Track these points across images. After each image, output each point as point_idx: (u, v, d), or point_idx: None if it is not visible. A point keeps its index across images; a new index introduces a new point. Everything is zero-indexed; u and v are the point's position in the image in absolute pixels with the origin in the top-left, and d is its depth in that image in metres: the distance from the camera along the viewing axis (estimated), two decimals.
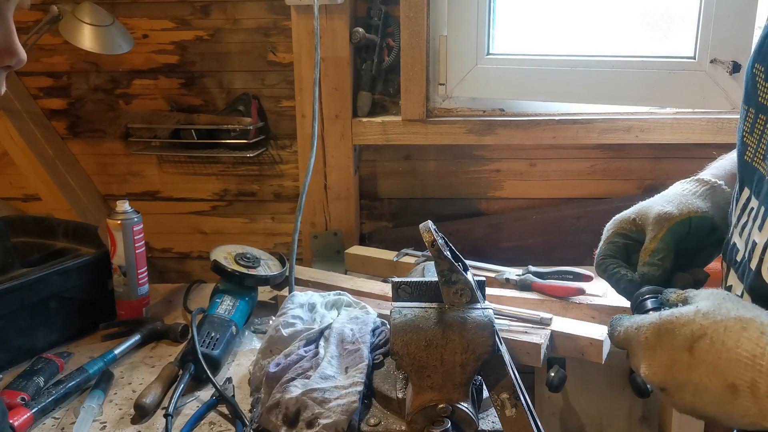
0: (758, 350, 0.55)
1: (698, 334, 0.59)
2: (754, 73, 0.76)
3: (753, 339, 0.56)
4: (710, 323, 0.59)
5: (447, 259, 0.83)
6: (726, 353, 0.57)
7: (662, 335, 0.62)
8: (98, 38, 1.50)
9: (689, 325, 0.60)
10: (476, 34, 1.62)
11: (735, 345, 0.57)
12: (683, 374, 0.60)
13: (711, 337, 0.58)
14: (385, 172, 1.77)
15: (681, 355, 0.60)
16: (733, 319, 0.58)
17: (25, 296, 1.23)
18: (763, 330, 0.56)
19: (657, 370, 0.62)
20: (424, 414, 0.83)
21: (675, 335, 0.61)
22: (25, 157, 1.77)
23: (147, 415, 1.07)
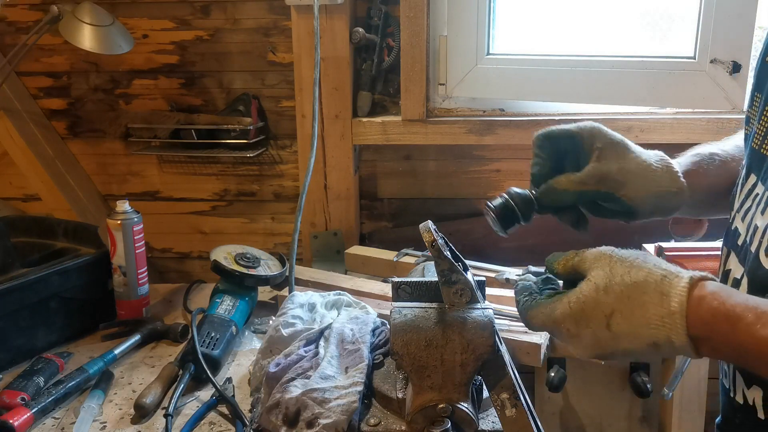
0: (663, 311, 0.62)
1: (608, 312, 0.65)
2: (766, 61, 0.77)
3: (654, 301, 0.63)
4: (614, 299, 0.65)
5: (447, 259, 0.83)
6: (638, 320, 0.63)
7: (579, 322, 0.67)
8: (98, 38, 1.50)
9: (598, 306, 0.66)
10: (476, 34, 1.62)
11: (643, 312, 0.63)
12: (610, 346, 0.66)
13: (621, 312, 0.64)
14: (385, 172, 1.77)
15: (602, 333, 0.66)
16: (630, 286, 0.64)
17: (25, 296, 1.23)
18: (659, 289, 0.63)
19: (586, 350, 0.69)
20: (424, 414, 0.83)
21: (590, 319, 0.66)
22: (25, 157, 1.78)
23: (147, 415, 1.07)
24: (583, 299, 0.67)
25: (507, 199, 0.85)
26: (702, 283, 0.62)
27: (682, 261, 1.25)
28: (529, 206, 0.85)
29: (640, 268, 0.65)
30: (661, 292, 0.62)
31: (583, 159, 0.85)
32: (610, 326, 0.65)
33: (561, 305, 0.68)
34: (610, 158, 0.84)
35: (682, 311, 0.61)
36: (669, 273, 0.64)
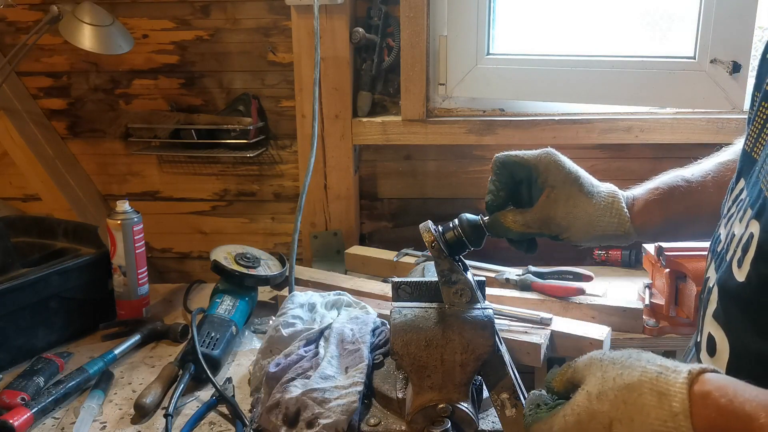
0: (664, 413, 0.56)
1: (606, 422, 0.60)
2: (766, 58, 0.76)
3: (653, 404, 0.57)
4: (609, 406, 0.60)
5: (447, 259, 0.83)
6: (639, 427, 0.58)
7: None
8: (98, 38, 1.50)
9: (594, 416, 0.61)
10: (476, 34, 1.62)
11: (644, 417, 0.58)
12: None
13: (620, 420, 0.59)
14: (385, 172, 1.77)
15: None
16: (624, 389, 0.60)
17: (25, 296, 1.23)
18: (657, 388, 0.58)
19: None
20: (424, 414, 0.83)
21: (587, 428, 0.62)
22: (25, 157, 1.78)
23: (147, 415, 1.07)
24: (578, 410, 0.63)
25: (457, 228, 0.86)
26: (703, 377, 0.56)
27: (682, 261, 1.25)
28: (480, 234, 0.87)
29: (633, 368, 0.60)
30: (659, 391, 0.57)
31: (536, 192, 0.87)
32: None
33: (557, 419, 0.65)
34: (558, 200, 0.85)
35: (686, 411, 0.55)
36: (665, 369, 0.59)
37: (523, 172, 0.87)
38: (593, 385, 0.62)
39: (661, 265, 1.30)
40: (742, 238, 0.66)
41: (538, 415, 0.69)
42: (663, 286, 1.30)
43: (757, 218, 0.63)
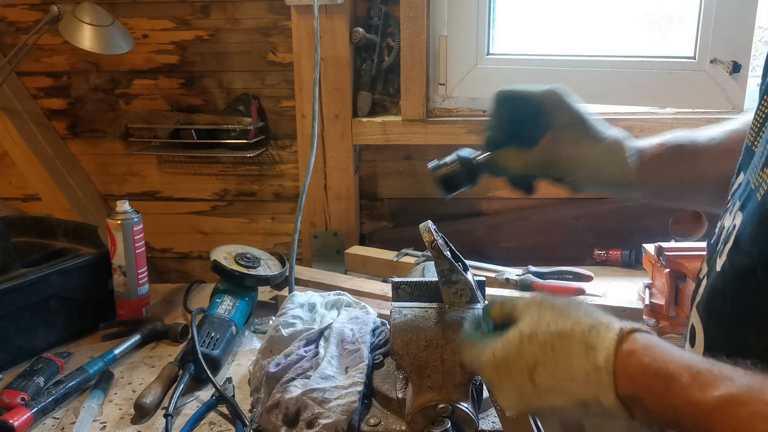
0: (588, 365, 0.57)
1: (531, 363, 0.61)
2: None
3: (580, 355, 0.58)
4: (538, 348, 0.60)
5: (447, 259, 0.83)
6: (562, 374, 0.59)
7: (501, 372, 0.63)
8: (98, 38, 1.50)
9: (521, 355, 0.61)
10: (476, 34, 1.62)
11: (568, 365, 0.58)
12: (535, 401, 0.62)
13: (544, 364, 0.60)
14: (385, 172, 1.77)
15: (526, 387, 0.61)
16: (556, 336, 0.60)
17: (25, 296, 1.23)
18: (586, 340, 0.58)
19: (512, 402, 0.64)
20: (424, 414, 0.83)
21: (512, 371, 0.62)
22: (25, 157, 1.78)
23: (147, 415, 1.07)
24: (507, 347, 0.63)
25: (454, 163, 0.83)
26: (633, 336, 0.57)
27: (682, 261, 1.25)
28: (474, 172, 0.84)
29: (569, 317, 0.61)
30: (587, 343, 0.58)
31: (539, 132, 0.83)
32: (534, 379, 0.61)
33: (486, 351, 0.65)
34: (564, 141, 0.82)
35: (609, 366, 0.56)
36: (599, 323, 0.59)
37: (528, 109, 0.83)
38: (527, 325, 0.63)
39: (661, 265, 1.30)
40: (728, 229, 0.66)
41: (472, 336, 0.69)
42: (663, 286, 1.30)
43: (741, 210, 0.63)
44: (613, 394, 0.56)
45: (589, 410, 0.59)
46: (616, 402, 0.56)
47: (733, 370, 0.51)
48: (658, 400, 0.54)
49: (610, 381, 0.56)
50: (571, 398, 0.59)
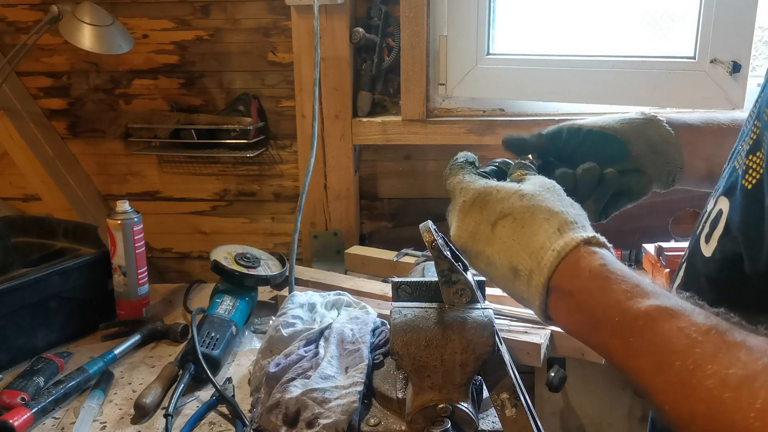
0: (546, 244, 0.57)
1: (505, 213, 0.62)
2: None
3: (548, 232, 0.58)
4: (522, 206, 0.61)
5: (447, 259, 0.83)
6: (519, 235, 0.60)
7: (476, 204, 0.64)
8: (98, 38, 1.50)
9: (503, 201, 0.62)
10: (476, 34, 1.62)
11: (531, 233, 0.59)
12: (481, 245, 0.63)
13: (514, 218, 0.61)
14: (385, 172, 1.77)
15: (484, 227, 0.63)
16: (543, 209, 0.60)
17: (25, 296, 1.23)
18: (561, 227, 0.58)
19: (462, 233, 0.66)
20: (424, 414, 0.82)
21: (486, 207, 0.63)
22: (25, 157, 1.78)
23: (147, 415, 1.07)
24: (498, 188, 0.64)
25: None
26: (597, 246, 0.57)
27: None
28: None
29: (566, 207, 0.61)
30: (559, 229, 0.58)
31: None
32: (495, 225, 0.62)
33: (479, 181, 0.67)
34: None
35: (561, 254, 0.56)
36: (580, 224, 0.59)
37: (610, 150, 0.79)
38: (528, 188, 0.63)
39: (661, 265, 1.30)
40: (711, 213, 0.65)
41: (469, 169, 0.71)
42: (663, 286, 1.30)
43: (726, 195, 0.62)
44: (545, 277, 0.56)
45: (514, 283, 0.60)
46: (543, 285, 0.56)
47: (674, 294, 0.51)
48: (590, 300, 0.53)
49: (552, 264, 0.56)
50: (509, 261, 0.60)
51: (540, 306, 0.58)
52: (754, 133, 0.58)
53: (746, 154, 0.58)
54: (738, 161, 0.62)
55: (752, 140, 0.58)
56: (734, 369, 0.42)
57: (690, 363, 0.44)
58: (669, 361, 0.46)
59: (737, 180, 0.60)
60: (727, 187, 0.63)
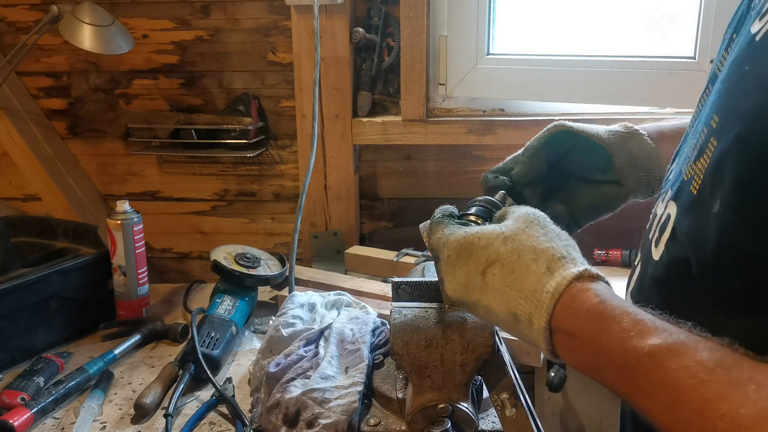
0: (539, 286, 0.57)
1: (492, 260, 0.61)
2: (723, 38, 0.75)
3: (538, 273, 0.58)
4: (506, 250, 0.61)
5: None
6: (511, 281, 0.59)
7: (462, 255, 0.64)
8: (98, 38, 1.50)
9: (487, 248, 0.62)
10: (476, 34, 1.62)
11: (521, 276, 0.59)
12: (476, 295, 0.62)
13: (502, 264, 0.60)
14: (385, 172, 1.77)
15: (475, 277, 0.62)
16: (528, 248, 0.60)
17: (25, 296, 1.23)
18: (550, 266, 0.58)
19: (455, 287, 0.65)
20: (424, 414, 0.82)
21: (472, 257, 0.63)
22: (25, 157, 1.78)
23: (147, 415, 1.07)
24: (480, 234, 0.63)
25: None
26: (590, 280, 0.57)
27: None
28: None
29: (551, 241, 0.60)
30: (549, 268, 0.58)
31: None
32: (486, 274, 0.61)
33: (459, 231, 0.66)
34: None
35: (555, 295, 0.56)
36: (569, 258, 0.59)
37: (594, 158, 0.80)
38: (509, 228, 0.63)
39: None
40: (661, 218, 0.65)
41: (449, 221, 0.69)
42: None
43: (674, 199, 0.62)
44: (545, 320, 0.56)
45: (517, 326, 0.59)
46: (544, 329, 0.56)
47: (675, 325, 0.51)
48: (591, 341, 0.53)
49: (549, 306, 0.56)
50: (508, 307, 0.59)
51: (547, 348, 0.58)
52: (701, 138, 0.59)
53: (694, 160, 0.59)
54: (685, 166, 0.62)
55: (698, 146, 0.59)
56: (745, 409, 0.41)
57: (699, 404, 0.44)
58: (679, 401, 0.45)
59: (684, 185, 0.60)
60: (675, 192, 0.63)
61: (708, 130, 0.57)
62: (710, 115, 0.58)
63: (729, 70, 0.58)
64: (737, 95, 0.54)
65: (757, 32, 0.55)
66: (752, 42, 0.55)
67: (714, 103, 0.58)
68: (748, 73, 0.54)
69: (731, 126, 0.53)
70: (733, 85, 0.56)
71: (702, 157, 0.57)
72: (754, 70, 0.53)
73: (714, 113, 0.57)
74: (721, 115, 0.56)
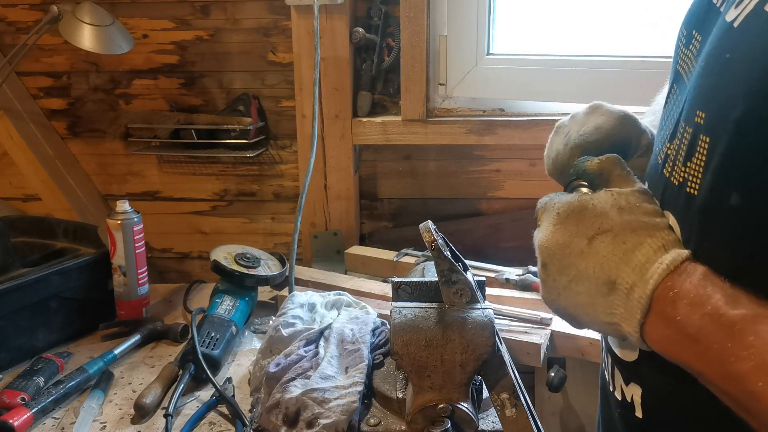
0: (653, 259, 0.55)
1: (603, 229, 0.58)
2: (678, 36, 0.74)
3: (653, 247, 0.56)
4: (620, 221, 0.58)
5: (447, 259, 0.83)
6: (622, 253, 0.57)
7: (571, 217, 0.61)
8: (98, 38, 1.50)
9: (600, 217, 0.59)
10: (476, 34, 1.62)
11: (634, 247, 0.56)
12: (573, 258, 0.60)
13: (614, 234, 0.58)
14: (385, 172, 1.77)
15: (579, 241, 0.60)
16: (644, 223, 0.58)
17: (25, 296, 1.23)
18: (665, 244, 0.56)
19: (550, 244, 0.62)
20: (424, 414, 0.83)
21: (583, 221, 0.60)
22: (25, 157, 1.78)
23: (147, 415, 1.07)
24: (594, 201, 0.60)
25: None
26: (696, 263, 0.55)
27: None
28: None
29: (663, 222, 0.58)
30: (663, 246, 0.56)
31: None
32: (593, 240, 0.59)
33: (570, 196, 0.62)
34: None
35: (668, 268, 0.54)
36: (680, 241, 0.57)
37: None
38: (623, 199, 0.59)
39: None
40: None
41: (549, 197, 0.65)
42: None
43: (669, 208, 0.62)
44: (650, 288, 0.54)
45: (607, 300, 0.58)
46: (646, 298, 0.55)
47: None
48: (691, 311, 0.52)
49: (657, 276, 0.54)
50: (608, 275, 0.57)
51: (639, 321, 0.55)
52: (685, 139, 0.58)
53: (683, 161, 0.58)
54: (669, 168, 0.61)
55: (684, 147, 0.58)
56: None
57: None
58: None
59: (675, 190, 0.60)
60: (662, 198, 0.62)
61: (694, 127, 0.56)
62: (692, 112, 0.57)
63: (706, 64, 0.58)
64: (724, 85, 0.54)
65: (735, 19, 0.54)
66: (731, 29, 0.55)
67: (694, 99, 0.58)
68: (731, 61, 0.54)
69: (726, 116, 0.52)
70: (715, 76, 0.56)
71: (694, 157, 0.56)
72: (737, 56, 0.53)
73: (697, 109, 0.56)
74: (709, 109, 0.55)
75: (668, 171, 0.61)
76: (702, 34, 0.66)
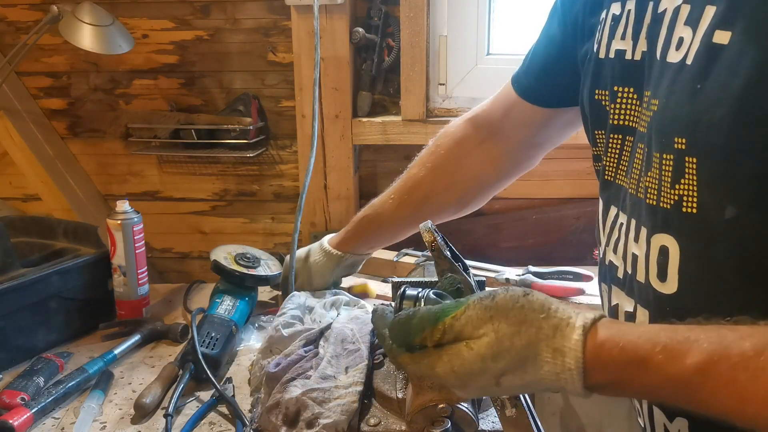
0: (558, 368, 0.58)
1: (498, 374, 0.60)
2: (597, 99, 0.79)
3: (549, 360, 0.58)
4: (504, 364, 0.60)
5: (447, 259, 0.83)
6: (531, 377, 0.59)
7: (465, 380, 0.62)
8: (98, 38, 1.50)
9: (485, 372, 0.61)
10: (476, 34, 1.62)
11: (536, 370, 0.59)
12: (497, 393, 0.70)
13: (513, 372, 0.60)
14: (385, 172, 1.77)
15: (490, 388, 0.62)
16: (522, 351, 0.59)
17: (25, 296, 1.23)
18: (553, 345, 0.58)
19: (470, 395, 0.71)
20: (424, 414, 0.82)
21: (478, 380, 0.62)
22: (25, 157, 1.78)
23: (147, 415, 1.07)
24: (468, 367, 0.61)
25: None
26: (596, 328, 0.57)
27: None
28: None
29: (530, 323, 0.59)
30: (554, 348, 0.57)
31: None
32: (500, 383, 0.61)
33: (441, 365, 0.63)
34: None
35: (579, 368, 0.56)
36: (560, 323, 0.58)
37: None
38: (486, 347, 0.60)
39: None
40: (650, 254, 0.67)
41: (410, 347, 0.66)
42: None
43: (665, 231, 0.65)
44: (581, 387, 0.57)
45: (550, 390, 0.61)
46: (583, 391, 0.57)
47: (691, 330, 0.53)
48: (632, 384, 0.55)
49: (579, 378, 0.57)
50: (538, 389, 0.61)
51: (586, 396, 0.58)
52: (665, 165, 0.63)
53: (671, 184, 0.62)
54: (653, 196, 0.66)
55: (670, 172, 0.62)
56: None
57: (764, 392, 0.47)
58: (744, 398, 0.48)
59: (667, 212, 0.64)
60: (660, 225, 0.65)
61: (677, 153, 0.61)
62: (668, 142, 0.62)
63: (667, 101, 0.62)
64: (702, 109, 0.58)
65: (684, 58, 0.60)
66: (684, 67, 0.61)
67: (666, 129, 0.62)
68: (703, 90, 0.58)
69: (715, 134, 0.57)
70: (687, 106, 0.60)
71: (684, 179, 0.61)
72: (708, 85, 0.58)
73: (675, 136, 0.61)
74: (690, 134, 0.59)
75: (653, 199, 0.65)
76: (631, 85, 0.71)
